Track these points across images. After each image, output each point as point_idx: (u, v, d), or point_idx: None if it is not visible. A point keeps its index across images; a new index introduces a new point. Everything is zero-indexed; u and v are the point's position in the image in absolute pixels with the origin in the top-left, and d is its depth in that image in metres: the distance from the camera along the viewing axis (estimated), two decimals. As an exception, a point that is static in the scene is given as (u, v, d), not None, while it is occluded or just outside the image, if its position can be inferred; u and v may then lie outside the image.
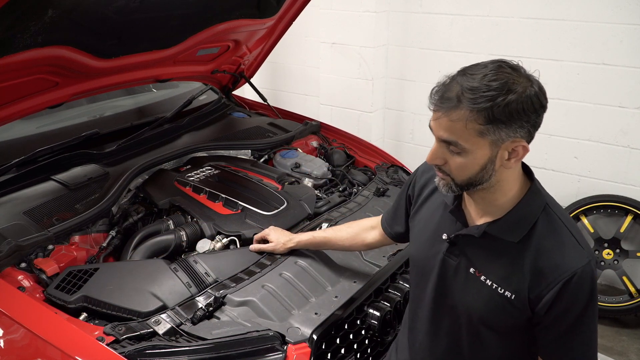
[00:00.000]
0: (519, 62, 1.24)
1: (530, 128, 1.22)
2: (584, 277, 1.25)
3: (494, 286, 1.34)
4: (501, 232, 1.32)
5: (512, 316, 1.34)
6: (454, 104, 1.21)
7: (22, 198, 2.06)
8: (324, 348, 1.62)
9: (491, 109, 1.18)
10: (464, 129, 1.21)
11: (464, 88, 1.20)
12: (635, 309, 3.33)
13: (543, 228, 1.30)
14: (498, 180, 1.29)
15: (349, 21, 4.07)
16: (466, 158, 1.25)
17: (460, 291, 1.42)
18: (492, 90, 1.18)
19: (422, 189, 1.59)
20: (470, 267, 1.39)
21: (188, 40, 2.45)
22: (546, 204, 1.33)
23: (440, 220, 1.48)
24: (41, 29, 1.77)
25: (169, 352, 1.46)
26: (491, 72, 1.20)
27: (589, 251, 1.29)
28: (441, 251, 1.45)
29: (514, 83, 1.18)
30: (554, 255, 1.27)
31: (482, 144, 1.23)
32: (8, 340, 1.52)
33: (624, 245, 3.51)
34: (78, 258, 1.90)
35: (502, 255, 1.34)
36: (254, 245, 1.97)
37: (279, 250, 1.93)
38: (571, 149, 3.60)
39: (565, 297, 1.25)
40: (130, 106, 2.93)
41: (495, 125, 1.19)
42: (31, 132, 2.44)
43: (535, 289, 1.28)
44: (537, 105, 1.20)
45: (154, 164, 2.39)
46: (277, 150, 2.81)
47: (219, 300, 1.68)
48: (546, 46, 3.51)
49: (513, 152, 1.25)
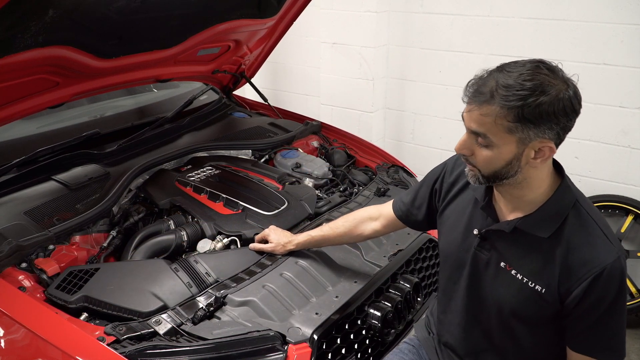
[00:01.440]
0: (558, 64, 1.25)
1: (560, 131, 1.24)
2: (613, 273, 1.27)
3: (525, 280, 1.37)
4: (532, 228, 1.35)
5: (542, 309, 1.37)
6: (487, 98, 1.24)
7: (22, 198, 2.06)
8: (324, 348, 1.62)
9: (522, 108, 1.20)
10: (494, 124, 1.24)
11: (499, 84, 1.23)
12: (636, 309, 3.32)
13: (573, 224, 1.32)
14: (525, 177, 1.32)
15: (349, 21, 4.06)
16: (492, 151, 1.28)
17: (491, 285, 1.45)
18: (525, 90, 1.19)
19: (452, 185, 1.61)
20: (501, 262, 1.42)
21: (189, 40, 2.45)
22: (576, 200, 1.35)
23: (471, 215, 1.51)
24: (42, 29, 1.77)
25: (170, 352, 1.46)
26: (527, 72, 1.22)
27: (618, 246, 1.31)
28: (473, 246, 1.48)
29: (548, 85, 1.20)
30: (584, 251, 1.30)
31: (510, 141, 1.25)
32: (9, 340, 1.52)
33: (624, 245, 3.50)
34: (79, 258, 1.90)
35: (533, 250, 1.36)
36: (253, 245, 1.97)
37: (279, 252, 1.93)
38: (572, 149, 3.59)
39: (595, 292, 1.28)
40: (131, 106, 2.93)
41: (524, 124, 1.22)
42: (32, 132, 2.43)
43: (565, 283, 1.31)
44: (569, 109, 1.21)
45: (154, 164, 2.39)
46: (277, 150, 2.81)
47: (220, 300, 1.68)
48: (547, 46, 3.51)
49: (539, 151, 1.26)
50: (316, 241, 1.93)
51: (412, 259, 2.05)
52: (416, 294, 1.94)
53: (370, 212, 1.88)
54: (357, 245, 2.05)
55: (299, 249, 1.94)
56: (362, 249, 2.04)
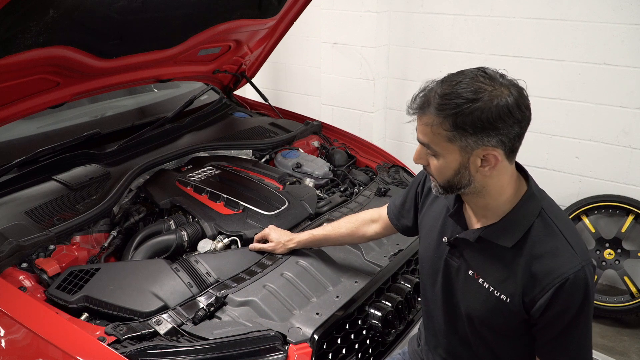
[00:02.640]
0: (503, 70, 1.25)
1: (502, 138, 1.22)
2: (576, 282, 1.26)
3: (491, 289, 1.37)
4: (495, 237, 1.34)
5: (509, 318, 1.36)
6: (425, 108, 1.26)
7: (23, 198, 2.07)
8: (325, 348, 1.62)
9: (455, 116, 1.20)
10: (433, 134, 1.26)
11: (437, 94, 1.24)
12: (636, 309, 3.32)
13: (538, 233, 1.31)
14: (483, 185, 1.30)
15: (350, 21, 4.06)
16: (440, 161, 1.29)
17: (462, 292, 1.45)
18: (459, 98, 1.20)
19: (429, 191, 1.61)
20: (469, 270, 1.42)
21: (189, 40, 2.45)
22: (542, 209, 1.33)
23: (444, 222, 1.51)
24: (42, 29, 1.77)
25: (170, 352, 1.46)
26: (466, 80, 1.22)
27: (583, 256, 1.29)
28: (445, 253, 1.48)
29: (483, 92, 1.19)
30: (547, 261, 1.28)
31: (452, 149, 1.25)
32: (9, 340, 1.52)
33: (625, 245, 3.50)
34: (79, 258, 1.90)
35: (497, 260, 1.36)
36: (253, 245, 1.97)
37: (280, 251, 1.93)
38: (572, 149, 3.59)
39: (559, 302, 1.27)
40: (132, 106, 2.94)
41: (461, 133, 1.21)
42: (32, 132, 2.44)
43: (529, 293, 1.30)
44: (506, 116, 1.19)
45: (155, 164, 2.39)
46: (278, 150, 2.81)
47: (220, 300, 1.68)
48: (547, 46, 3.51)
49: (485, 160, 1.25)
50: (318, 240, 1.93)
51: (413, 259, 2.05)
52: (417, 294, 1.94)
53: (371, 214, 1.89)
54: (358, 245, 2.05)
55: (300, 247, 1.94)
56: (363, 249, 2.04)
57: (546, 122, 3.63)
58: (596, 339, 3.26)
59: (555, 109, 3.58)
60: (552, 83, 3.55)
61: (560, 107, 3.56)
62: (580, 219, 3.57)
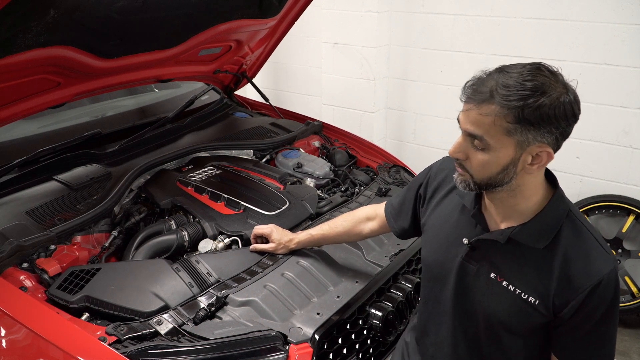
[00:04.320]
0: (558, 68, 1.23)
1: (559, 136, 1.20)
2: (610, 283, 1.26)
3: (517, 292, 1.33)
4: (527, 239, 1.30)
5: (534, 320, 1.34)
6: (486, 97, 1.20)
7: (24, 198, 2.07)
8: (326, 348, 1.62)
9: (522, 108, 1.16)
10: (492, 125, 1.20)
11: (499, 84, 1.19)
12: (637, 309, 3.32)
13: (568, 234, 1.29)
14: (519, 184, 1.28)
15: (351, 21, 4.06)
16: (489, 155, 1.24)
17: (481, 296, 1.40)
18: (526, 90, 1.16)
19: (435, 190, 1.57)
20: (491, 272, 1.37)
21: (190, 41, 2.45)
22: (569, 210, 1.32)
23: (458, 223, 1.46)
24: (43, 29, 1.77)
25: (171, 352, 1.46)
26: (528, 72, 1.19)
27: (613, 256, 1.29)
28: (459, 255, 1.43)
29: (549, 87, 1.17)
30: (581, 262, 1.27)
31: (508, 143, 1.21)
32: (10, 340, 1.52)
33: (626, 245, 3.50)
34: (80, 258, 1.90)
35: (527, 261, 1.32)
36: (254, 246, 1.96)
37: (281, 251, 1.93)
38: (573, 149, 3.59)
39: (591, 302, 1.26)
40: (132, 106, 2.94)
41: (524, 126, 1.18)
42: (33, 132, 2.44)
43: (562, 295, 1.28)
44: (570, 113, 1.18)
45: (156, 164, 2.39)
46: (279, 150, 2.81)
47: (221, 300, 1.68)
48: (548, 46, 3.51)
49: (537, 157, 1.23)
50: (316, 240, 1.92)
51: (414, 259, 2.05)
52: (417, 294, 1.94)
53: (368, 212, 1.87)
54: (359, 245, 2.04)
55: (300, 248, 1.94)
56: (364, 249, 2.04)
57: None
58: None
59: (556, 109, 3.57)
60: (552, 83, 3.55)
61: (561, 107, 3.56)
62: (581, 219, 3.57)
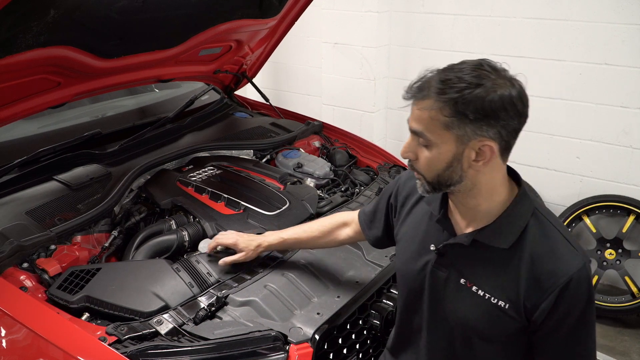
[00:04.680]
0: (503, 64, 1.22)
1: (501, 129, 1.17)
2: (580, 282, 1.22)
3: (487, 296, 1.30)
4: (491, 239, 1.28)
5: (507, 326, 1.30)
6: (425, 93, 1.21)
7: (24, 198, 2.07)
8: (326, 348, 1.62)
9: (457, 101, 1.15)
10: (431, 120, 1.20)
11: (437, 79, 1.19)
12: (637, 309, 3.32)
13: (535, 233, 1.26)
14: (474, 183, 1.25)
15: (351, 21, 4.07)
16: (432, 152, 1.23)
17: (452, 303, 1.37)
18: (462, 83, 1.16)
19: (405, 199, 1.54)
20: (460, 278, 1.35)
21: (190, 41, 2.45)
22: (535, 209, 1.29)
23: (427, 230, 1.44)
24: (43, 29, 1.77)
25: (171, 352, 1.46)
26: (467, 67, 1.19)
27: (583, 254, 1.26)
28: (430, 263, 1.40)
29: (486, 79, 1.16)
30: (548, 261, 1.23)
31: (448, 138, 1.20)
32: (10, 340, 1.52)
33: (626, 245, 3.50)
34: (80, 258, 1.90)
35: (494, 264, 1.29)
36: (224, 260, 1.84)
37: (251, 257, 1.85)
38: (573, 149, 3.59)
39: (563, 304, 1.22)
40: (133, 106, 2.94)
41: (461, 119, 1.16)
42: (33, 132, 2.44)
43: (531, 297, 1.25)
44: (509, 105, 1.16)
45: (156, 164, 2.39)
46: (279, 150, 2.81)
47: (221, 300, 1.68)
48: (548, 46, 3.51)
49: (480, 152, 1.20)
50: (289, 244, 1.86)
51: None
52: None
53: (344, 218, 1.81)
54: (359, 245, 2.04)
55: (270, 251, 1.89)
56: (364, 249, 2.04)
57: (547, 122, 3.63)
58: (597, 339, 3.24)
59: (556, 109, 3.58)
60: (552, 83, 3.55)
61: (561, 107, 3.56)
62: (581, 219, 3.57)
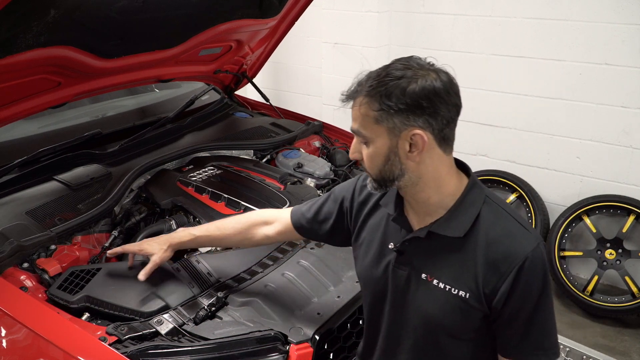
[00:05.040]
0: (431, 59, 1.26)
1: (429, 118, 1.20)
2: (535, 262, 1.23)
3: (447, 288, 1.30)
4: (445, 229, 1.30)
5: (470, 316, 1.30)
6: (355, 92, 1.27)
7: (24, 198, 2.07)
8: (326, 348, 1.62)
9: (381, 94, 1.20)
10: (362, 116, 1.25)
11: (366, 77, 1.26)
12: (637, 309, 3.32)
13: (487, 217, 1.28)
14: (419, 176, 1.27)
15: (351, 21, 4.07)
16: (370, 148, 1.28)
17: (415, 301, 1.37)
18: (386, 77, 1.20)
19: (362, 204, 1.53)
20: (421, 273, 1.35)
21: (190, 41, 2.45)
22: (486, 196, 1.31)
23: (385, 232, 1.44)
24: (43, 29, 1.77)
25: (172, 352, 1.46)
26: (395, 64, 1.23)
27: (536, 234, 1.28)
28: (391, 263, 1.40)
29: (409, 70, 1.20)
30: (503, 244, 1.25)
31: (380, 132, 1.24)
32: (10, 340, 1.52)
33: (626, 246, 3.50)
34: (80, 258, 1.91)
35: (451, 254, 1.31)
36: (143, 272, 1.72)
37: (166, 259, 1.76)
38: (573, 149, 3.59)
39: (520, 285, 1.23)
40: (133, 106, 2.93)
41: (387, 112, 1.20)
42: (33, 132, 2.44)
43: (490, 282, 1.26)
44: (432, 93, 1.19)
45: (156, 164, 2.39)
46: (279, 150, 2.81)
47: (222, 300, 1.68)
48: (548, 46, 3.51)
49: (413, 143, 1.23)
50: (200, 241, 1.79)
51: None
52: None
53: (265, 216, 1.74)
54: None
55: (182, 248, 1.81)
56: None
57: (547, 122, 3.63)
58: (597, 339, 3.26)
59: (556, 109, 3.58)
60: (552, 83, 3.55)
61: (561, 107, 3.56)
62: (581, 219, 3.57)
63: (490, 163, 3.97)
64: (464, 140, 3.97)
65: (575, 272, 3.74)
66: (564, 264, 3.57)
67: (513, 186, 3.81)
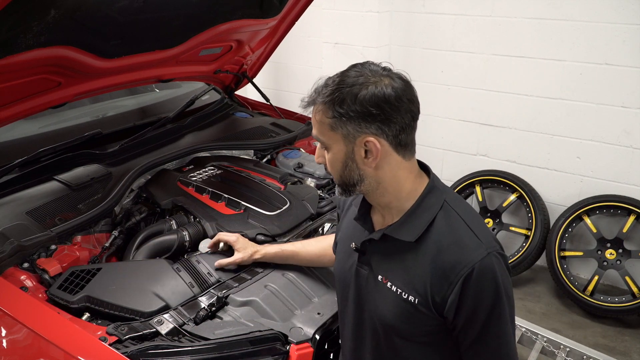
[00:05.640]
0: (388, 64, 1.27)
1: (381, 125, 1.21)
2: (484, 271, 1.21)
3: (399, 291, 1.30)
4: (397, 233, 1.30)
5: (421, 323, 1.29)
6: (312, 100, 1.28)
7: (24, 198, 2.07)
8: (326, 348, 1.62)
9: (333, 101, 1.21)
10: (319, 123, 1.27)
11: (323, 84, 1.27)
12: (637, 309, 3.32)
13: (441, 225, 1.27)
14: (378, 182, 1.28)
15: (351, 21, 4.07)
16: (329, 154, 1.30)
17: (372, 301, 1.38)
18: (340, 84, 1.22)
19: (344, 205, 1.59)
20: (378, 275, 1.36)
21: (191, 41, 2.45)
22: (445, 201, 1.30)
23: (354, 232, 1.46)
24: (44, 29, 1.77)
25: (172, 352, 1.46)
26: (350, 70, 1.25)
27: (488, 244, 1.24)
28: (355, 262, 1.42)
29: (360, 77, 1.21)
30: (452, 252, 1.23)
31: (336, 139, 1.26)
32: (11, 340, 1.52)
33: (626, 246, 3.50)
34: (81, 258, 1.91)
35: (405, 258, 1.30)
36: (220, 262, 1.84)
37: (246, 262, 1.86)
38: (574, 149, 3.59)
39: (470, 295, 1.21)
40: (133, 106, 2.93)
41: (340, 119, 1.22)
42: (34, 132, 2.44)
43: (439, 290, 1.24)
44: (382, 102, 1.19)
45: (156, 164, 2.39)
46: (279, 150, 2.81)
47: (222, 300, 1.68)
48: (549, 46, 3.51)
49: (368, 150, 1.24)
50: (285, 256, 1.85)
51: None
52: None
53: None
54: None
55: (265, 260, 1.87)
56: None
57: (547, 122, 3.63)
58: (598, 339, 3.26)
59: (557, 109, 3.58)
60: (553, 83, 3.55)
61: (562, 107, 3.56)
62: (581, 219, 3.57)
63: (490, 163, 3.96)
64: (464, 140, 3.98)
65: (576, 272, 3.75)
66: (564, 264, 3.57)
67: (513, 186, 3.81)
